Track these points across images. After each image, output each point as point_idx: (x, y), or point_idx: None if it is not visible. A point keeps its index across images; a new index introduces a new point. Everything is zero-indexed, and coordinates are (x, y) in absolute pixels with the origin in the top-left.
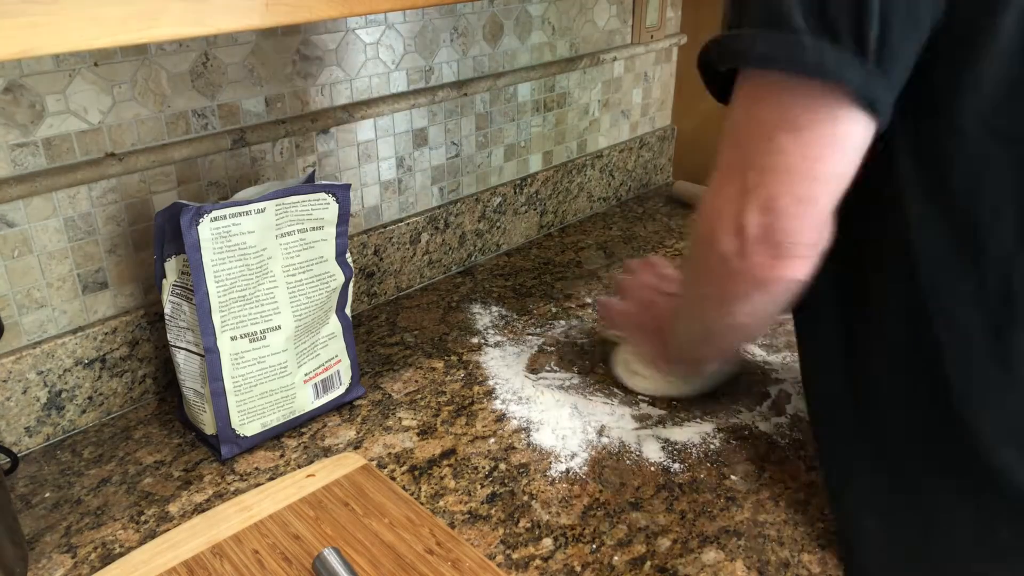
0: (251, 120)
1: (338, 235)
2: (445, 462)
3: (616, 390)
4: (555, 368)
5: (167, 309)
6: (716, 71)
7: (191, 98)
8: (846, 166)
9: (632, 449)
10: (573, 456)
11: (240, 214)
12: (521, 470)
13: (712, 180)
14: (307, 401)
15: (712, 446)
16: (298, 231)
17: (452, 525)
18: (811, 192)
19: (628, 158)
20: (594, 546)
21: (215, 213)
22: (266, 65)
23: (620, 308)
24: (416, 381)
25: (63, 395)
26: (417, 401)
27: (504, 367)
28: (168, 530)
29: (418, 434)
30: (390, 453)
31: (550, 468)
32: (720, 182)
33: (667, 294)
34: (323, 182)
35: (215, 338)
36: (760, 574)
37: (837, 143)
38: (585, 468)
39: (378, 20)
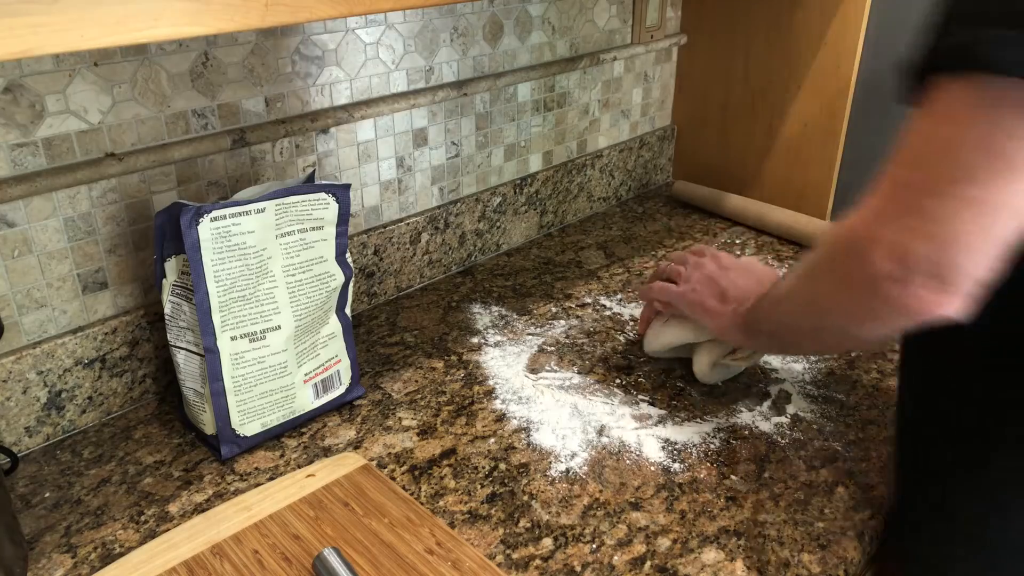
0: (251, 120)
1: (338, 235)
2: (445, 462)
3: (616, 390)
4: (555, 368)
5: (167, 309)
6: (915, 81)
7: (191, 98)
8: None
9: (632, 449)
10: (573, 456)
11: (240, 214)
12: (521, 470)
13: (876, 192)
14: (307, 401)
15: (712, 446)
16: (298, 231)
17: (452, 525)
18: (994, 230)
19: (628, 158)
20: (594, 546)
21: (215, 213)
22: (266, 65)
23: (674, 287)
24: (416, 381)
25: (63, 395)
26: (417, 401)
27: (504, 367)
28: (168, 530)
29: (418, 434)
30: (390, 453)
31: (550, 468)
32: (883, 197)
33: (725, 266)
34: (323, 182)
35: (215, 338)
36: (760, 574)
37: None
38: (585, 468)
39: (378, 20)
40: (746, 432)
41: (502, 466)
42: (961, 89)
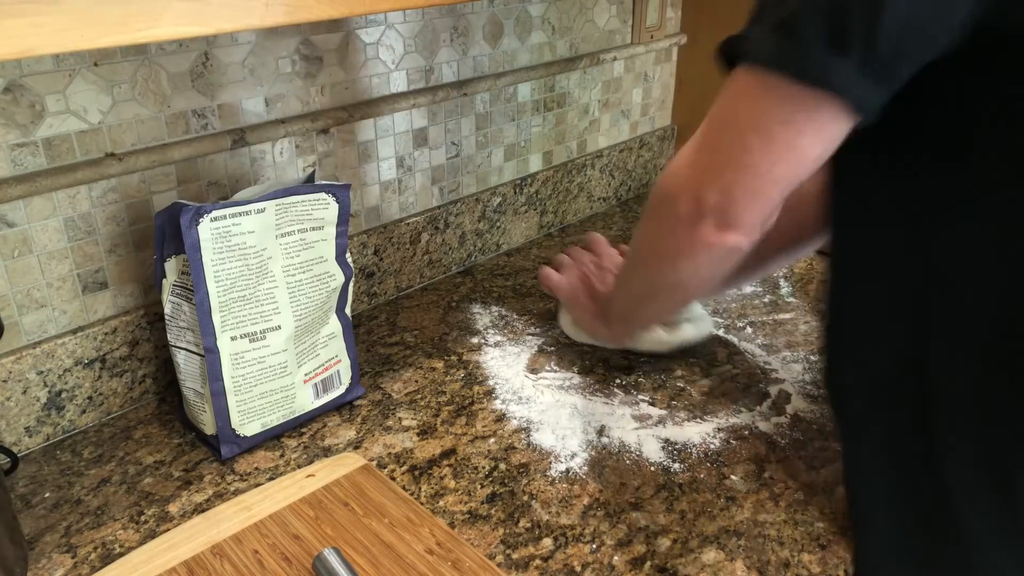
0: (251, 120)
1: (338, 235)
2: (445, 462)
3: (616, 390)
4: (555, 368)
5: (167, 309)
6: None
7: (191, 98)
8: (805, 170)
9: (632, 449)
10: (573, 456)
11: (240, 214)
12: (521, 470)
13: (688, 146)
14: (307, 401)
15: (712, 446)
16: (298, 231)
17: (452, 525)
18: (765, 188)
19: (628, 158)
20: (594, 546)
21: (215, 213)
22: (266, 65)
23: (558, 278)
24: (416, 381)
25: (63, 395)
26: (417, 401)
27: (504, 367)
28: (168, 530)
29: (418, 434)
30: (390, 453)
31: (550, 468)
32: (693, 152)
33: (604, 267)
34: (323, 182)
35: (215, 338)
36: (760, 574)
37: (801, 150)
38: (585, 468)
39: (378, 20)
40: (746, 432)
41: (502, 466)
42: (748, 76)
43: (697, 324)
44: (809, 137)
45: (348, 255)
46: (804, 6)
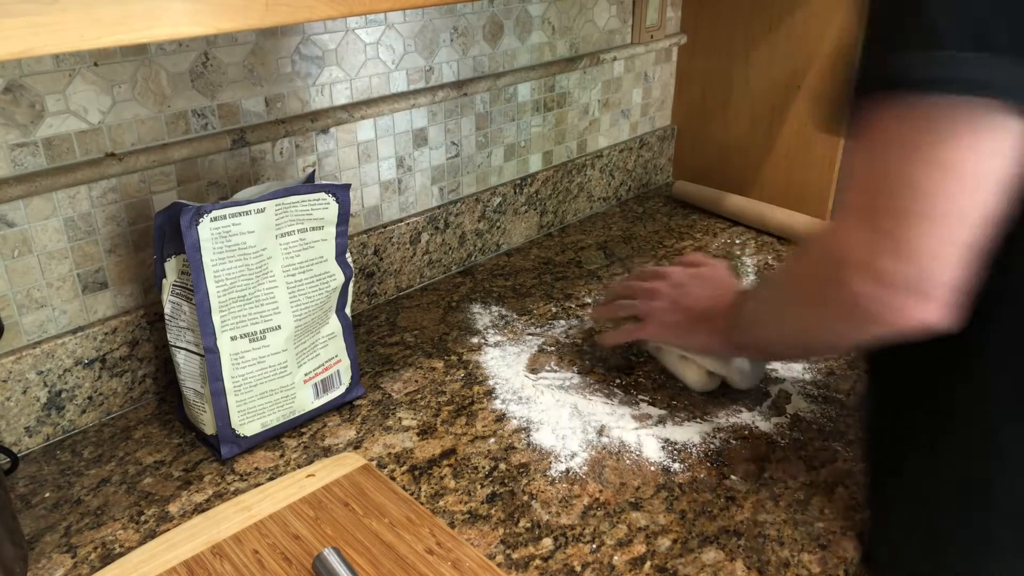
0: (251, 120)
1: (338, 235)
2: (445, 462)
3: (616, 390)
4: (555, 368)
5: (167, 309)
6: (849, 107)
7: (191, 98)
8: (989, 194)
9: (632, 449)
10: (573, 456)
11: (240, 214)
12: (521, 470)
13: (839, 219)
14: (307, 401)
15: (712, 446)
16: (298, 231)
17: (452, 525)
18: (960, 234)
19: (628, 158)
20: (594, 546)
21: (215, 213)
22: (266, 65)
23: (644, 329)
24: (416, 381)
25: (63, 395)
26: (417, 401)
27: (504, 367)
28: (168, 530)
29: (418, 434)
30: (390, 453)
31: (550, 468)
32: (847, 227)
33: (680, 285)
34: (323, 182)
35: (215, 338)
36: (760, 574)
37: (977, 173)
38: (585, 468)
39: (378, 20)
40: (746, 432)
41: (502, 466)
42: (893, 110)
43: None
44: (985, 154)
45: (348, 255)
46: (938, 20)
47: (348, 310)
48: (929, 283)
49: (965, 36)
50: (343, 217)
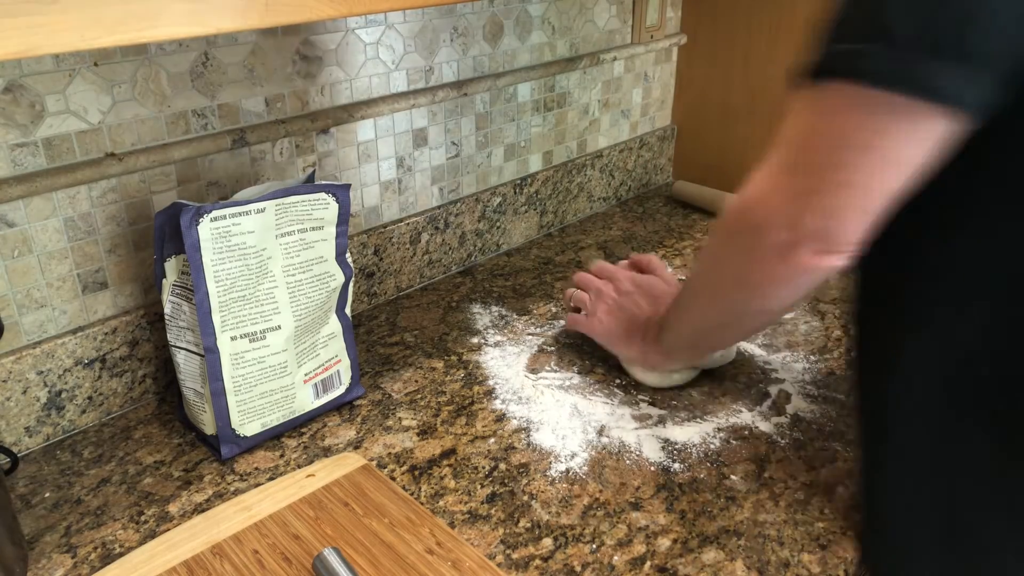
0: (251, 120)
1: (338, 235)
2: (445, 462)
3: (616, 390)
4: (555, 368)
5: (167, 309)
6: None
7: (191, 98)
8: (908, 180)
9: (632, 449)
10: (573, 456)
11: (240, 214)
12: (521, 470)
13: (763, 172)
14: (307, 401)
15: (712, 446)
16: (298, 231)
17: (452, 525)
18: (869, 204)
19: (628, 158)
20: (594, 546)
21: (215, 213)
22: (266, 65)
23: (586, 322)
24: (416, 381)
25: (63, 395)
26: (417, 401)
27: (504, 367)
28: (168, 530)
29: (418, 434)
30: (390, 453)
31: (550, 468)
32: (775, 177)
33: (625, 291)
34: (323, 182)
35: (215, 338)
36: (760, 574)
37: (904, 161)
38: (585, 468)
39: (378, 20)
40: (746, 432)
41: (502, 466)
42: (843, 92)
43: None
44: (914, 147)
45: (348, 255)
46: (896, 16)
47: (348, 310)
48: (838, 240)
49: (917, 38)
50: (343, 217)
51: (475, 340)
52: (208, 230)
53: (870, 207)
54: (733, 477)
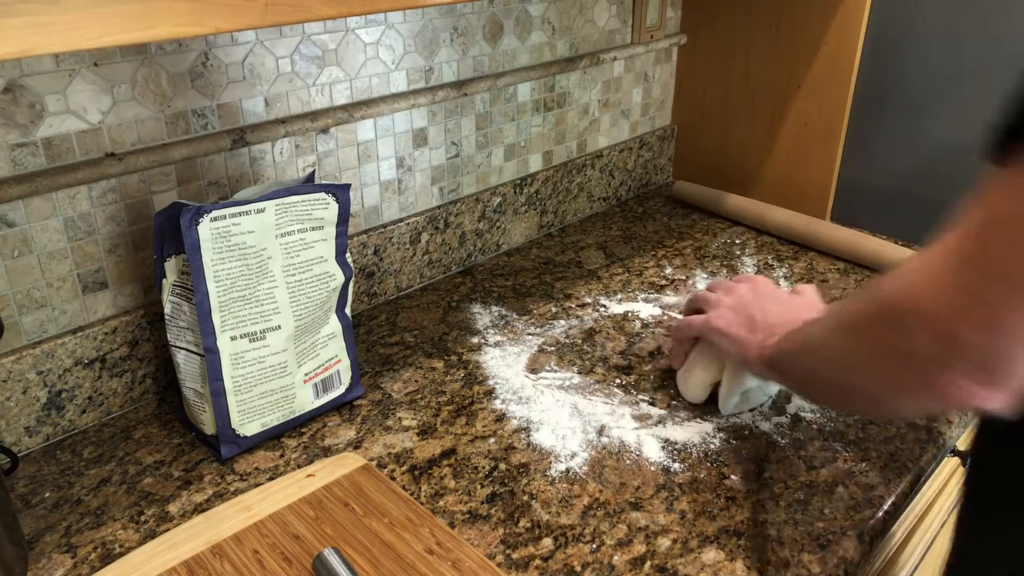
0: (251, 120)
1: (338, 235)
2: (445, 462)
3: (616, 390)
4: (555, 368)
5: (167, 309)
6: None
7: (191, 98)
8: None
9: (632, 449)
10: (573, 456)
11: (240, 214)
12: (521, 470)
13: (931, 255)
14: (307, 401)
15: (712, 446)
16: (298, 231)
17: (452, 525)
18: None
19: (628, 158)
20: (594, 546)
21: (215, 213)
22: (266, 65)
23: (704, 316)
24: (416, 381)
25: (63, 395)
26: (417, 401)
27: (504, 367)
28: (168, 530)
29: (418, 434)
30: (390, 453)
31: (550, 468)
32: (940, 273)
33: (772, 300)
34: (323, 182)
35: (215, 338)
36: (760, 574)
37: None
38: (585, 468)
39: (378, 20)
40: (746, 432)
41: (502, 466)
42: None
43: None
44: None
45: (348, 255)
46: None
47: (348, 310)
48: (1006, 368)
49: None
50: (343, 217)
51: (475, 340)
52: (208, 230)
53: None
54: (733, 477)
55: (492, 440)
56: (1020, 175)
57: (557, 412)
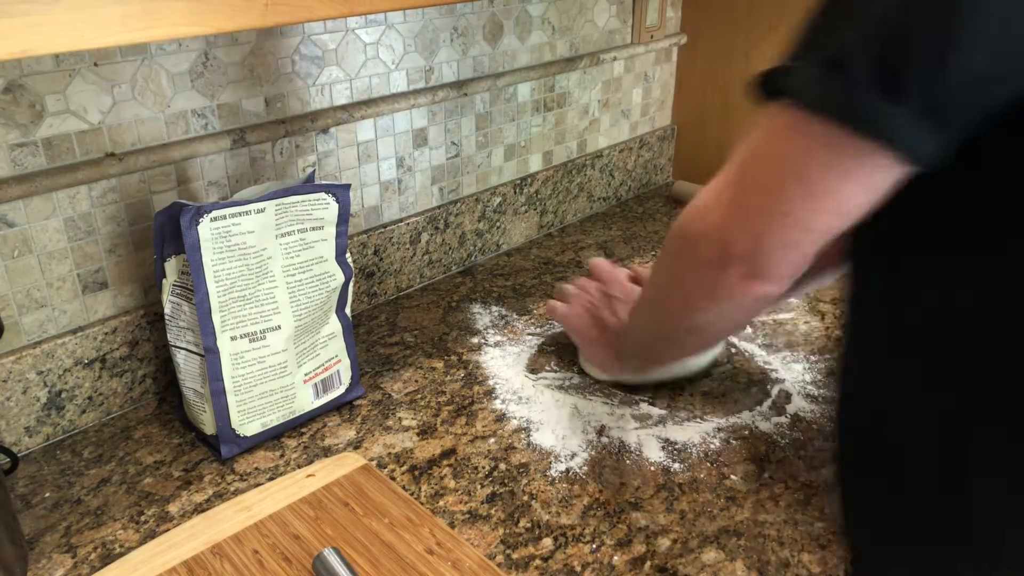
0: (251, 120)
1: (338, 235)
2: (445, 462)
3: (616, 390)
4: (555, 368)
5: (167, 309)
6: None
7: (191, 98)
8: (846, 221)
9: (632, 449)
10: (573, 456)
11: (240, 214)
12: (521, 470)
13: (714, 183)
14: (307, 401)
15: (712, 446)
16: (298, 231)
17: (452, 525)
18: (800, 239)
19: (628, 158)
20: (594, 546)
21: (215, 213)
22: (266, 65)
23: (564, 309)
24: (416, 381)
25: (63, 395)
26: (417, 401)
27: (504, 367)
28: (168, 530)
29: (418, 434)
30: (390, 453)
31: (550, 468)
32: (720, 190)
33: (612, 295)
34: (323, 182)
35: (215, 338)
36: (760, 574)
37: (844, 200)
38: (585, 468)
39: (378, 20)
40: (746, 432)
41: (502, 466)
42: (789, 114)
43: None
44: (854, 185)
45: (348, 255)
46: (856, 45)
47: (348, 310)
48: (765, 268)
49: (876, 75)
50: (343, 217)
51: (475, 340)
52: (208, 230)
53: (799, 243)
54: (733, 477)
55: (492, 440)
56: (763, 120)
57: (557, 412)
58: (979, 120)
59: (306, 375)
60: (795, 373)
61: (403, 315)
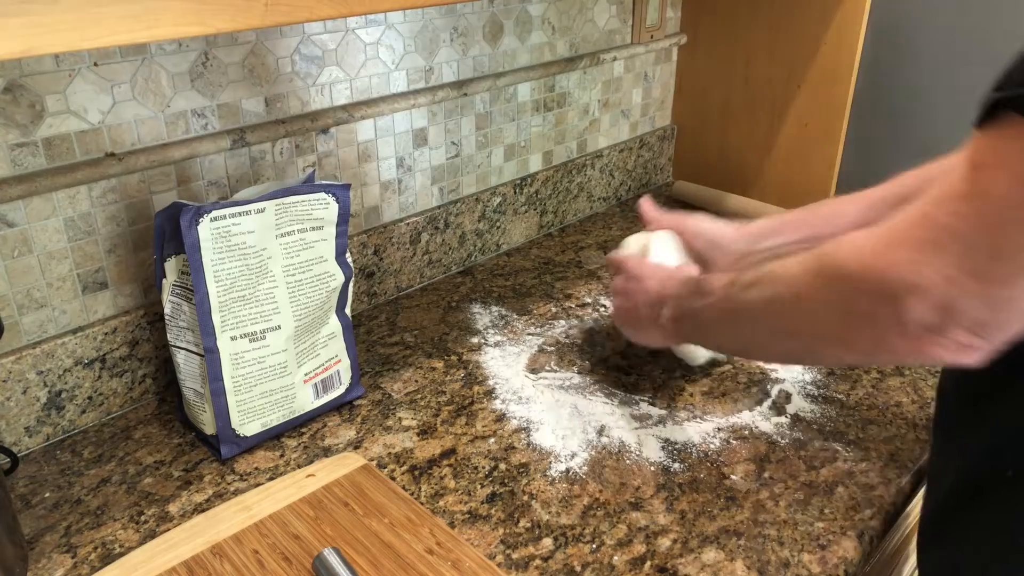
0: (251, 120)
1: (338, 235)
2: (445, 462)
3: (616, 390)
4: (555, 368)
5: (167, 309)
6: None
7: (191, 98)
8: None
9: (632, 449)
10: (573, 456)
11: (240, 214)
12: (521, 470)
13: (905, 230)
14: (307, 401)
15: (712, 446)
16: (298, 231)
17: (452, 525)
18: None
19: (628, 158)
20: (594, 546)
21: (215, 213)
22: (266, 65)
23: (612, 313)
24: (416, 381)
25: (63, 395)
26: (417, 401)
27: (504, 367)
28: (168, 530)
29: (418, 434)
30: (390, 453)
31: (550, 468)
32: (923, 244)
33: (636, 280)
34: (323, 182)
35: (215, 338)
36: (760, 574)
37: None
38: (585, 468)
39: (378, 20)
40: (746, 432)
41: (502, 466)
42: None
43: None
44: None
45: (348, 255)
46: None
47: (348, 310)
48: (998, 333)
49: None
50: (343, 217)
51: (475, 340)
52: (208, 230)
53: None
54: (733, 477)
55: (492, 440)
56: (993, 148)
57: (557, 412)
58: None
59: (306, 375)
60: (795, 373)
61: (403, 315)
